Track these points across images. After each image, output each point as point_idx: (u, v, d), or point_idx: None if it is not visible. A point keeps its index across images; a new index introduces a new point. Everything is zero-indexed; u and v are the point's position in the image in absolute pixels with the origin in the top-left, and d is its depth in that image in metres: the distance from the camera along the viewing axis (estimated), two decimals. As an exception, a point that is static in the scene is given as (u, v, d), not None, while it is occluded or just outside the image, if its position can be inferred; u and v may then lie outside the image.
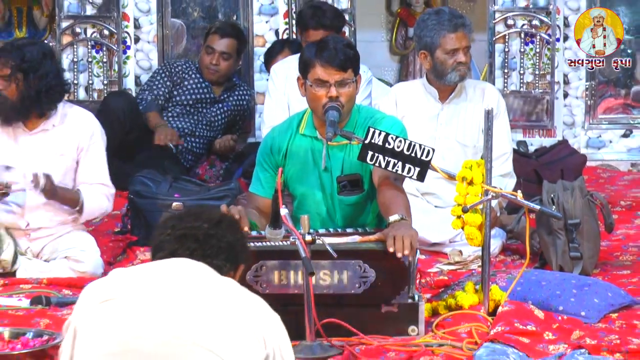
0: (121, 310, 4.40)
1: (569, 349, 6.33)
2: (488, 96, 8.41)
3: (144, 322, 4.34)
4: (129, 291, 4.46)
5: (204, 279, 4.48)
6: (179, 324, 4.31)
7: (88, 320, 4.46)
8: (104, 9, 10.74)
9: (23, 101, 7.84)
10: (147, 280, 4.50)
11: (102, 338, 4.38)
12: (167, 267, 4.53)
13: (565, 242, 7.61)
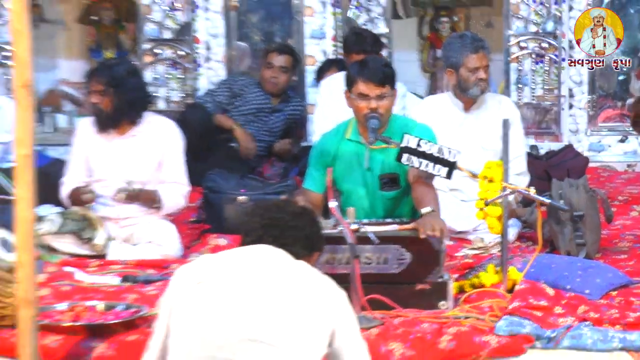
0: (212, 292, 4.38)
1: (575, 321, 6.28)
2: (505, 107, 8.36)
3: (229, 304, 4.35)
4: (219, 275, 4.47)
5: (281, 264, 4.50)
6: (257, 306, 4.34)
7: (184, 300, 4.45)
8: (179, 33, 10.70)
9: (115, 112, 7.86)
10: (233, 266, 4.52)
11: (196, 318, 4.37)
12: (250, 254, 4.56)
13: (572, 231, 7.56)
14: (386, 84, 7.17)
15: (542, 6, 10.61)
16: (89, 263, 7.54)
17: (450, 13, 11.29)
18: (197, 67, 10.73)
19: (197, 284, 4.46)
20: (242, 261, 4.54)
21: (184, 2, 10.73)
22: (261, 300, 4.36)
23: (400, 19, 11.25)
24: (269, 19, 10.95)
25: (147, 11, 10.72)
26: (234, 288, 4.39)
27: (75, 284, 7.06)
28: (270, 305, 4.34)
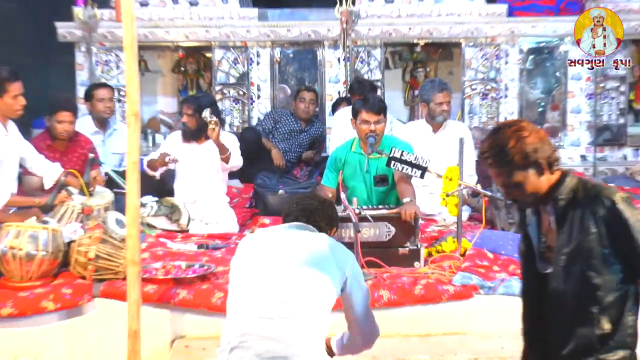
0: (258, 261, 4.44)
1: (507, 275, 6.32)
2: (461, 130, 8.33)
3: (270, 272, 4.38)
4: (265, 247, 4.52)
5: (311, 234, 4.57)
6: (290, 274, 4.35)
7: (241, 265, 4.53)
8: (240, 79, 10.68)
9: (198, 129, 7.88)
10: (278, 238, 4.56)
11: (247, 281, 4.41)
12: (290, 230, 4.60)
13: (505, 213, 7.54)
14: (381, 113, 7.22)
15: (486, 61, 10.57)
16: (176, 236, 7.55)
17: (424, 65, 11.21)
18: (251, 102, 10.69)
19: (250, 254, 4.52)
20: (285, 235, 4.57)
21: (243, 57, 10.69)
22: (293, 267, 4.35)
23: (390, 69, 11.19)
24: (301, 69, 10.88)
25: (218, 64, 10.71)
26: (275, 257, 4.42)
27: (166, 250, 7.08)
28: (300, 271, 4.33)
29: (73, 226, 6.58)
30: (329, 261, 4.39)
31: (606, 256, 3.72)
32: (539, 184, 3.87)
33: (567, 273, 3.79)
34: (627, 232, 3.68)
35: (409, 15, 10.56)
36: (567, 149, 10.61)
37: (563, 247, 3.80)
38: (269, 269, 4.38)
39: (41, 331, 6.03)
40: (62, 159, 7.83)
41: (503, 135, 3.87)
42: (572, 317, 3.81)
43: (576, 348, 3.80)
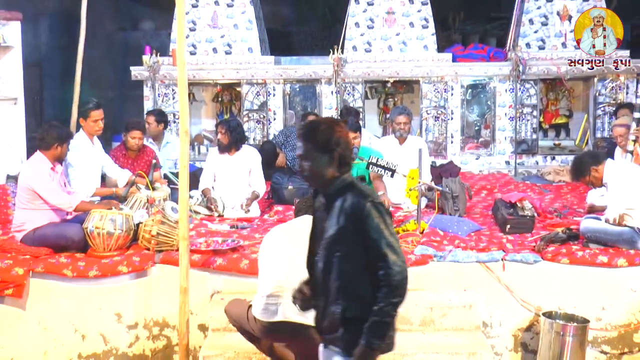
0: (281, 244, 4.44)
1: (453, 248, 6.26)
2: (419, 143, 8.23)
3: (292, 252, 4.43)
4: (286, 234, 4.61)
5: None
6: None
7: (268, 247, 4.54)
8: (261, 106, 10.63)
9: (230, 143, 7.71)
10: (295, 229, 4.62)
11: (275, 258, 4.41)
12: (302, 221, 4.58)
13: (452, 203, 7.45)
14: (357, 132, 7.26)
15: (438, 93, 10.51)
16: (214, 219, 7.47)
17: (393, 96, 11.12)
18: (269, 122, 10.64)
19: (278, 237, 4.48)
20: (299, 225, 4.54)
21: (263, 91, 10.65)
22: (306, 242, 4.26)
23: (369, 99, 11.12)
24: (305, 99, 10.83)
25: (245, 96, 10.65)
26: (294, 242, 4.40)
27: (207, 229, 7.01)
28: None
29: (141, 212, 6.57)
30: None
31: (353, 246, 3.45)
32: (324, 171, 3.56)
33: (324, 256, 3.53)
34: (367, 231, 3.43)
35: (382, 60, 10.52)
36: (496, 156, 10.55)
37: (325, 233, 3.53)
38: (291, 244, 4.36)
39: (118, 288, 6.05)
40: (134, 164, 7.84)
41: (324, 121, 3.65)
42: (325, 296, 3.55)
43: (329, 324, 3.55)
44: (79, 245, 6.21)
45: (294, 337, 4.35)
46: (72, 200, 6.33)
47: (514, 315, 6.02)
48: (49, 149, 6.35)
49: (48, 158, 6.36)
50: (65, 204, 6.31)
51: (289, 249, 4.47)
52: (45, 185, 6.24)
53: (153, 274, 6.08)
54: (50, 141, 6.34)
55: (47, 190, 6.24)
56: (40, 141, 6.37)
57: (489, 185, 9.32)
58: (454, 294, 5.94)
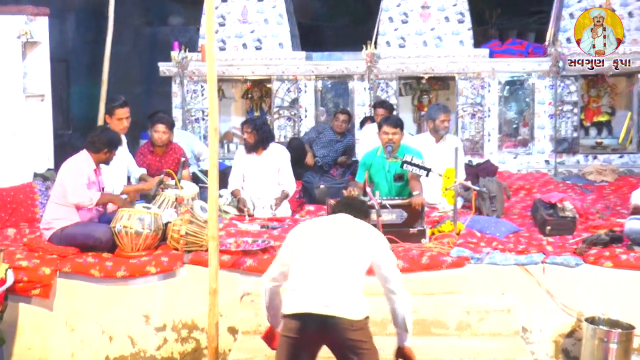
0: (316, 235, 4.50)
1: (491, 249, 6.22)
2: (455, 141, 8.19)
3: (325, 242, 4.44)
4: (320, 228, 4.57)
5: (354, 221, 4.61)
6: (337, 244, 4.42)
7: (302, 237, 4.53)
8: (292, 103, 10.65)
9: (257, 142, 7.72)
10: (328, 223, 4.60)
11: (307, 248, 4.44)
12: (338, 217, 4.63)
13: (489, 203, 7.43)
14: (397, 127, 7.16)
15: (474, 90, 10.45)
16: (244, 218, 7.46)
17: (428, 93, 11.06)
18: (300, 120, 10.65)
19: (309, 231, 4.47)
20: (334, 221, 4.59)
21: (294, 87, 10.66)
22: (340, 240, 4.42)
23: (402, 96, 11.08)
24: (337, 95, 10.84)
25: (276, 92, 10.67)
26: (328, 234, 4.42)
27: (237, 229, 7.00)
28: (345, 243, 4.40)
29: (169, 211, 6.60)
30: (365, 239, 4.45)
31: None
32: None
33: None
34: None
35: (417, 56, 10.49)
36: (535, 155, 10.47)
37: None
38: (323, 239, 4.43)
39: (146, 289, 6.08)
40: (161, 161, 7.84)
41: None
42: None
43: None
44: (107, 245, 6.24)
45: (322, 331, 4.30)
46: (92, 197, 6.37)
47: (555, 320, 5.95)
48: (97, 152, 6.44)
49: (93, 160, 6.44)
50: (86, 201, 6.34)
51: (323, 240, 4.46)
52: (74, 180, 6.29)
53: (182, 274, 6.10)
54: (100, 146, 6.43)
55: (73, 186, 6.29)
56: (90, 144, 6.45)
57: (527, 185, 9.26)
58: (492, 298, 5.90)
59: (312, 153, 9.68)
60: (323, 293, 4.24)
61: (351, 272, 4.33)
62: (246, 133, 7.78)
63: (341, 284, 4.28)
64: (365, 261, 4.40)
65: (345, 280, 4.29)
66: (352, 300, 4.26)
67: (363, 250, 4.40)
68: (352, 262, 4.35)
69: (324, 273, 4.29)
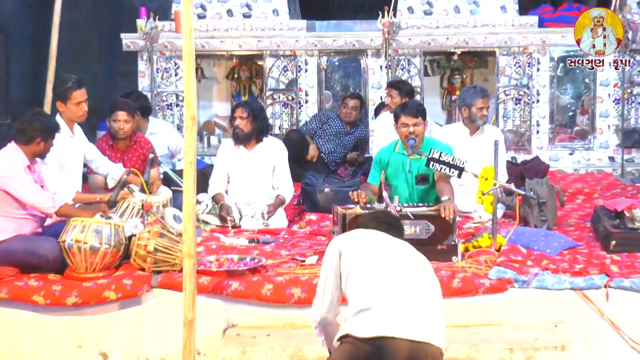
0: (378, 249, 4.68)
1: (540, 270, 6.22)
2: (495, 133, 8.25)
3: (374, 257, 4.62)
4: (368, 241, 4.74)
5: (399, 240, 4.87)
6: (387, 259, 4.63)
7: (361, 255, 4.63)
8: (289, 85, 10.67)
9: (251, 132, 7.76)
10: (372, 238, 4.78)
11: (363, 263, 4.58)
12: (379, 235, 4.82)
13: (538, 211, 7.46)
14: (419, 116, 7.18)
15: (519, 68, 10.47)
16: (229, 231, 7.47)
17: (461, 72, 11.12)
18: (299, 106, 10.68)
19: (363, 245, 4.69)
20: (378, 237, 4.77)
21: (292, 65, 10.69)
22: (409, 260, 4.68)
23: (429, 76, 11.12)
24: (345, 76, 10.89)
25: (269, 71, 10.69)
26: (392, 251, 4.68)
27: (219, 244, 7.00)
28: (417, 266, 4.70)
29: (134, 221, 6.60)
30: (427, 264, 4.81)
31: None
32: None
33: None
34: None
35: (447, 26, 10.50)
36: (596, 151, 10.52)
37: None
38: (390, 256, 4.63)
39: (103, 319, 6.08)
40: (123, 158, 7.88)
41: None
42: None
43: None
44: (54, 264, 6.24)
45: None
46: (55, 200, 6.38)
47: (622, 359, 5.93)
48: (29, 143, 6.42)
49: (25, 153, 6.43)
50: (47, 203, 6.35)
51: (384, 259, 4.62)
52: (20, 179, 6.29)
53: (149, 301, 6.10)
54: (32, 134, 6.42)
55: (24, 186, 6.29)
56: (20, 133, 6.43)
57: (587, 188, 9.30)
58: (541, 331, 5.89)
59: (315, 145, 9.70)
60: (412, 316, 4.37)
61: (434, 296, 4.57)
62: (239, 119, 7.77)
63: (428, 308, 4.45)
64: (438, 292, 4.69)
65: (431, 304, 4.49)
66: (440, 327, 4.46)
67: (435, 280, 4.74)
68: (432, 288, 4.62)
69: (407, 295, 4.43)
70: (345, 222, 6.51)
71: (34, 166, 6.50)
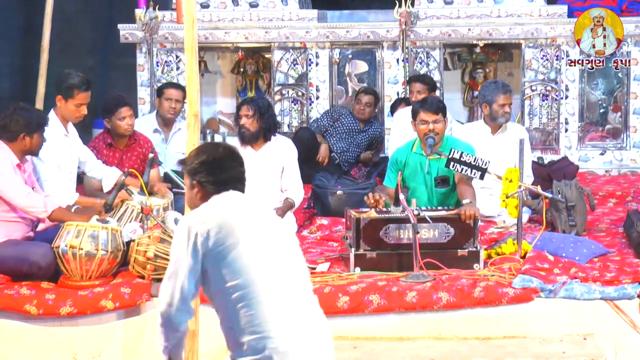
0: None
1: (568, 279, 6.24)
2: (520, 131, 8.26)
3: None
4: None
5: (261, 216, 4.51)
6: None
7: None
8: (299, 80, 10.68)
9: (258, 131, 7.74)
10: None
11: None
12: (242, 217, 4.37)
13: (566, 216, 7.48)
14: (439, 113, 7.21)
15: (547, 61, 10.47)
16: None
17: (484, 66, 11.11)
18: (310, 102, 10.68)
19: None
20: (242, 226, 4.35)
21: (302, 58, 10.69)
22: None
23: (449, 70, 11.12)
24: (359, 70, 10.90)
25: (277, 65, 10.71)
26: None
27: (225, 250, 7.01)
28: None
29: (132, 226, 6.62)
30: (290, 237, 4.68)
31: None
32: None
33: None
34: None
35: (469, 16, 10.49)
36: (630, 151, 10.46)
37: None
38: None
39: (100, 330, 6.09)
40: (122, 158, 7.89)
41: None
42: None
43: None
44: (48, 272, 6.27)
45: None
46: (47, 203, 6.39)
47: (657, 375, 5.97)
48: (14, 140, 6.43)
49: (13, 151, 6.43)
50: (39, 207, 6.38)
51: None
52: (9, 180, 6.31)
53: (148, 311, 6.12)
54: (15, 129, 6.42)
55: (14, 188, 6.31)
56: (3, 130, 6.44)
57: (619, 191, 9.28)
58: (570, 345, 5.90)
59: (327, 145, 9.72)
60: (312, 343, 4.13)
61: (313, 297, 4.37)
62: (245, 117, 7.78)
63: (318, 320, 4.26)
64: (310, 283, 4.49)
65: (316, 308, 4.31)
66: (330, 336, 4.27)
67: (305, 268, 4.51)
68: (308, 281, 4.42)
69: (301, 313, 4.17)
70: (359, 227, 6.55)
71: (24, 165, 6.50)
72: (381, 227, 6.58)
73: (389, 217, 6.64)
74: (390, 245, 6.56)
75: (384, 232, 6.56)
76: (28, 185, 6.48)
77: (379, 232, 6.56)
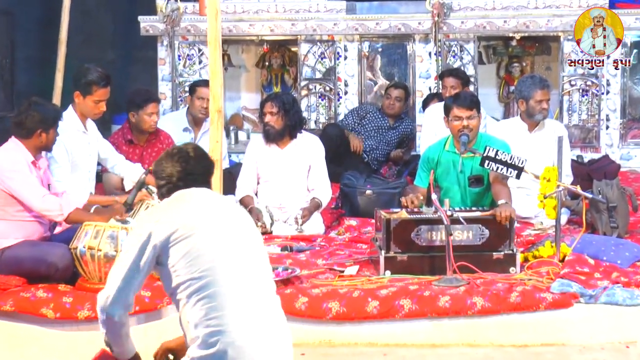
0: None
1: (610, 283, 6.22)
2: (558, 128, 8.24)
3: None
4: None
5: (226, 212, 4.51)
6: None
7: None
8: (326, 74, 10.70)
9: (284, 129, 7.76)
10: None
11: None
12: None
13: (607, 217, 7.45)
14: (473, 108, 7.20)
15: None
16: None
17: (520, 60, 11.12)
18: (338, 98, 10.70)
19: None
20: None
21: (330, 52, 10.72)
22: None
23: (484, 64, 11.12)
24: (390, 64, 10.91)
25: (304, 58, 10.73)
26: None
27: (249, 252, 7.03)
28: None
29: (152, 226, 6.58)
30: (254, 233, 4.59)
31: None
32: None
33: None
34: None
35: (504, 7, 10.49)
36: (676, 149, 10.47)
37: None
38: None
39: (119, 335, 6.05)
40: (142, 154, 7.93)
41: None
42: None
43: None
44: (65, 274, 6.26)
45: None
46: (63, 205, 6.40)
47: (701, 385, 5.92)
48: (30, 136, 6.43)
49: (28, 148, 6.43)
50: (55, 210, 6.38)
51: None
52: (25, 181, 6.31)
53: (169, 315, 6.12)
54: (32, 126, 6.42)
55: (30, 189, 6.30)
56: (19, 127, 6.44)
57: (663, 191, 9.20)
58: (611, 353, 5.85)
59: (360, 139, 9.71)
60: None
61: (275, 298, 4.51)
62: (270, 115, 7.79)
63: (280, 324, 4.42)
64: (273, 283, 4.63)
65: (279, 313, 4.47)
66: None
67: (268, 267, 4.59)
68: (271, 283, 4.55)
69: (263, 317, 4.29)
70: (389, 228, 6.52)
71: (39, 162, 6.50)
72: (412, 228, 6.53)
73: (421, 218, 6.58)
74: (422, 247, 6.51)
75: (416, 233, 6.52)
76: (44, 183, 6.48)
77: (410, 234, 6.52)
